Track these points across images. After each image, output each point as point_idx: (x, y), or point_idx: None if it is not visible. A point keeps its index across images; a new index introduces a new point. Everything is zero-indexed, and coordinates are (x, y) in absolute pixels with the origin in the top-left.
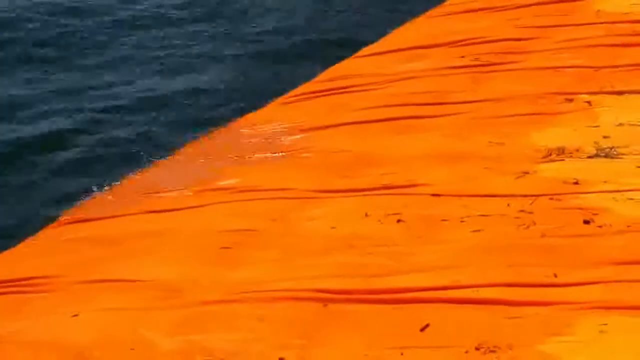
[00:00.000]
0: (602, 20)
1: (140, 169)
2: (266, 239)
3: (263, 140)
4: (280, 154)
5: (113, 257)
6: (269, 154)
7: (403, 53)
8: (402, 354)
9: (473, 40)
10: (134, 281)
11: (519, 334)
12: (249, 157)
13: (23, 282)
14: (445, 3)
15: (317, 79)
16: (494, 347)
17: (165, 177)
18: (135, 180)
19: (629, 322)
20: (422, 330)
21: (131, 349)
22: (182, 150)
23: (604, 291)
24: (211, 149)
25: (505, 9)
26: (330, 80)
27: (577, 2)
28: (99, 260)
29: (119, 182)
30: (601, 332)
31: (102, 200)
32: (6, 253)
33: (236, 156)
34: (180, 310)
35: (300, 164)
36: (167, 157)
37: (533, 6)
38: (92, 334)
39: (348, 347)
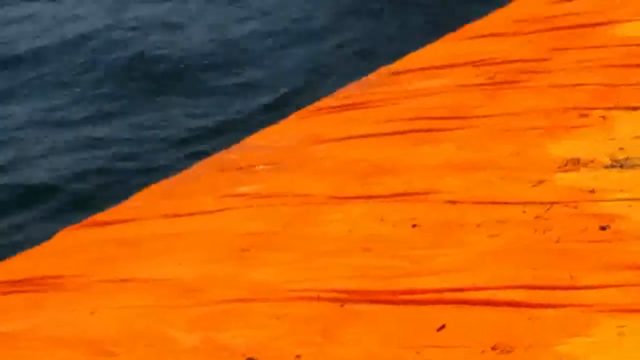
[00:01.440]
0: (619, 43)
1: (158, 180)
2: (284, 242)
3: (280, 151)
4: (298, 163)
5: (132, 257)
6: (286, 163)
7: (420, 72)
8: (417, 353)
9: (490, 61)
10: (153, 280)
11: (537, 334)
12: (267, 166)
13: (40, 281)
14: (464, 27)
15: (335, 94)
16: (511, 347)
17: (184, 186)
18: (155, 188)
19: None
20: (438, 330)
21: (151, 346)
22: (200, 162)
23: (622, 294)
24: (229, 161)
25: (524, 33)
26: (348, 96)
27: (595, 27)
28: (117, 261)
29: (139, 191)
30: (620, 334)
31: (122, 206)
32: (24, 254)
33: (255, 165)
34: (199, 308)
35: (317, 173)
36: (185, 169)
37: (551, 31)
38: (112, 331)
39: (364, 345)
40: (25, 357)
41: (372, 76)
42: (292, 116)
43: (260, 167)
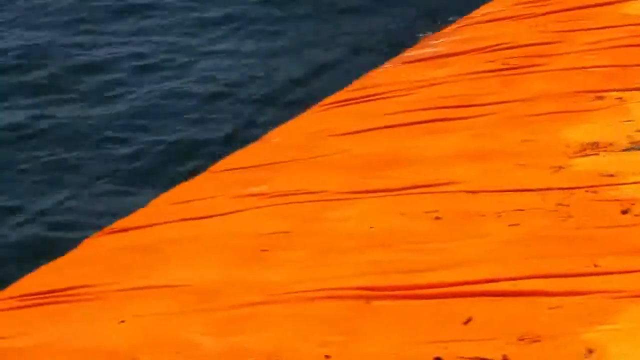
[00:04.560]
0: (627, 23)
1: (174, 185)
2: (302, 240)
3: (294, 147)
4: (312, 158)
5: (152, 263)
6: (298, 160)
7: (431, 61)
8: (446, 348)
9: (499, 47)
10: (174, 286)
11: (561, 323)
12: (282, 163)
13: (64, 292)
14: (471, 14)
15: (347, 88)
16: (537, 337)
17: (199, 188)
18: (170, 193)
19: None
20: (465, 323)
21: (177, 352)
22: (216, 164)
23: None
24: (245, 159)
25: (531, 17)
26: (360, 89)
27: (602, 7)
28: (138, 268)
29: (155, 197)
30: None
31: (139, 212)
32: (47, 266)
33: (269, 163)
34: (220, 312)
35: (331, 168)
36: (202, 172)
37: (558, 12)
38: (138, 339)
39: (390, 341)
40: None
41: (380, 68)
42: (304, 113)
43: (275, 164)
